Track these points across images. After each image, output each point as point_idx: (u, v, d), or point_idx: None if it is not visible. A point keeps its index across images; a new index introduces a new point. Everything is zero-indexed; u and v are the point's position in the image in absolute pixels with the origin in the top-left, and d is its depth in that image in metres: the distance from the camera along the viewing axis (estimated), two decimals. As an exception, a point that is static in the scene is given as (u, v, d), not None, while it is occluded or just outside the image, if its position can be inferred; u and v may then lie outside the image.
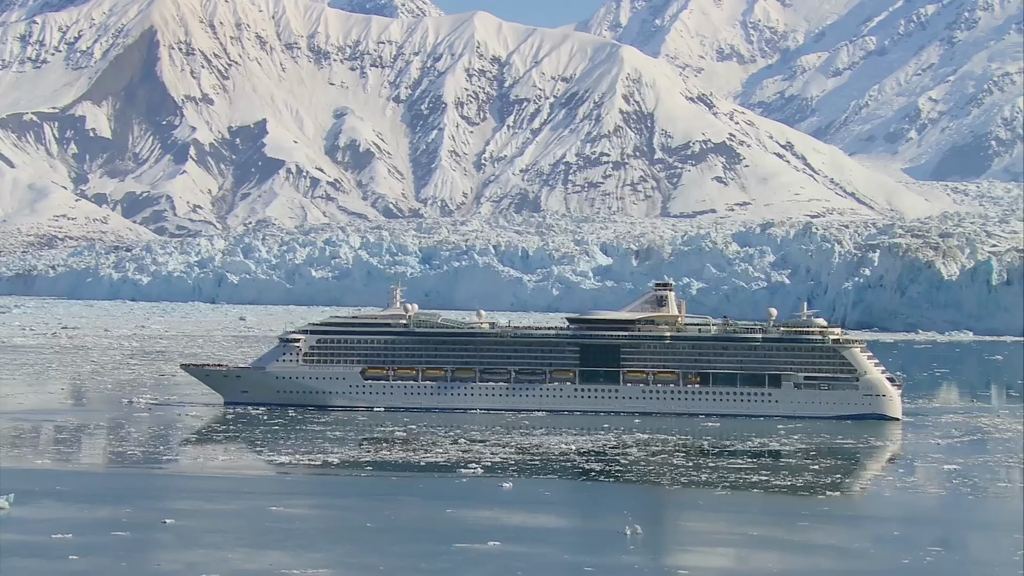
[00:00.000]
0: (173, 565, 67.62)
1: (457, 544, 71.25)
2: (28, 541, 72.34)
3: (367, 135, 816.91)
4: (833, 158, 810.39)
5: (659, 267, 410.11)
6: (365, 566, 67.35)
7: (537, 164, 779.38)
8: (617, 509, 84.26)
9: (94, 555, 69.10)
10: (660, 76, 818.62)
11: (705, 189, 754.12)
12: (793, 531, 75.58)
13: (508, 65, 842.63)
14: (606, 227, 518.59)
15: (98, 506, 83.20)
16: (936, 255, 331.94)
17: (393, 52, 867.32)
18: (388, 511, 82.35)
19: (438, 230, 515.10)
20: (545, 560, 68.64)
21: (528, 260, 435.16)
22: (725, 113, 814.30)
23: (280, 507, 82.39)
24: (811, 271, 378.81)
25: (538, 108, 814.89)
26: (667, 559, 69.01)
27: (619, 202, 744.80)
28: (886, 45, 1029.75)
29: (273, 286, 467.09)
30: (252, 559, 68.63)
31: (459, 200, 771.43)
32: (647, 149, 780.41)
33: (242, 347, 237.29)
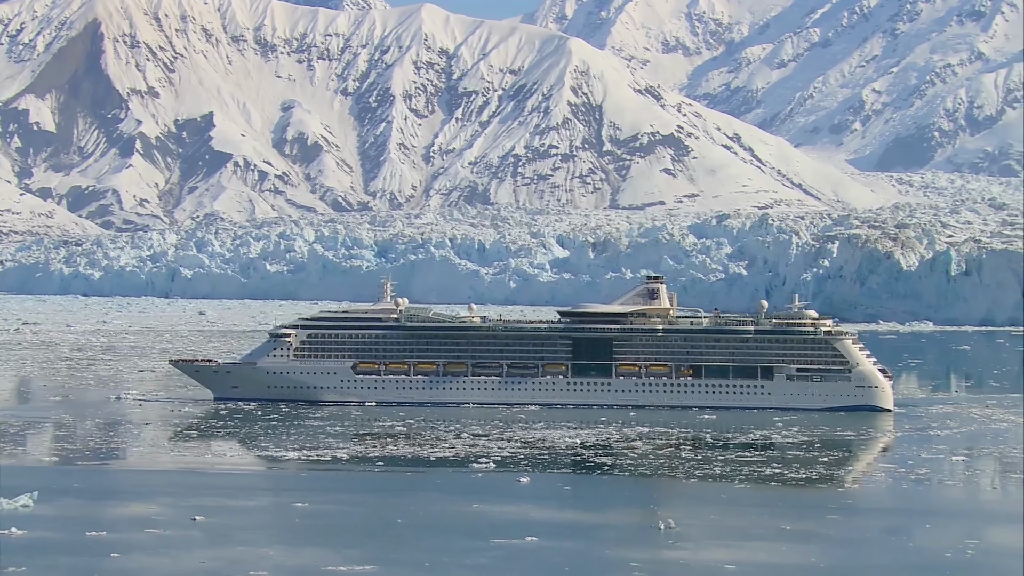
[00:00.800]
0: (217, 563, 67.37)
1: (495, 540, 71.24)
2: (64, 539, 71.98)
3: (315, 128, 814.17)
4: (780, 149, 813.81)
5: (616, 259, 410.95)
6: (409, 562, 67.23)
7: (486, 157, 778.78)
8: (642, 503, 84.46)
9: (135, 553, 68.83)
10: (608, 68, 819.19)
11: (654, 181, 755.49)
12: (825, 524, 75.89)
13: (456, 58, 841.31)
14: (560, 219, 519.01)
15: (121, 503, 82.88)
16: (895, 246, 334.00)
17: (340, 45, 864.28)
18: (414, 506, 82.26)
19: (392, 223, 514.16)
20: (587, 556, 68.65)
21: (484, 253, 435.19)
22: (673, 105, 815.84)
23: (305, 503, 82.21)
24: (768, 262, 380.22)
25: (486, 100, 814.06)
26: (709, 554, 69.11)
27: (568, 194, 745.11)
28: (830, 37, 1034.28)
29: (227, 280, 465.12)
30: (293, 556, 68.47)
31: (408, 193, 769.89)
32: (596, 141, 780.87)
33: (212, 342, 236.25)
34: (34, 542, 71.43)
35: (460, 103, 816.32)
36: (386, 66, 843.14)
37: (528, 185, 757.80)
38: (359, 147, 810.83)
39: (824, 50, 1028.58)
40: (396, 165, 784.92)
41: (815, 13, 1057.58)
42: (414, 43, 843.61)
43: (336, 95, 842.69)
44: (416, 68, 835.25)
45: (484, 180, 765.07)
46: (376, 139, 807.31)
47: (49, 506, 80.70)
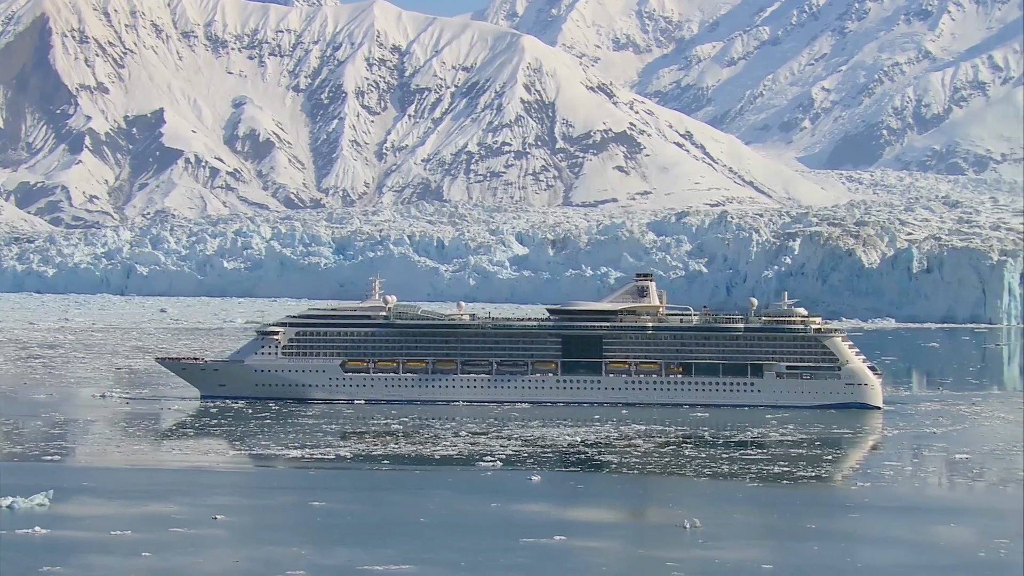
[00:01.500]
0: (251, 562, 67.02)
1: (523, 539, 71.10)
2: (91, 538, 71.51)
3: (267, 124, 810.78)
4: (731, 147, 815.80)
5: (576, 256, 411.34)
6: (444, 562, 67.02)
7: (439, 154, 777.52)
8: (659, 502, 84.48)
9: (165, 552, 68.41)
10: (560, 66, 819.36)
11: (607, 178, 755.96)
12: (849, 523, 75.96)
13: (408, 54, 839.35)
14: (518, 216, 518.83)
15: (137, 502, 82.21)
16: (856, 243, 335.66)
17: (292, 41, 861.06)
18: (432, 505, 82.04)
19: (350, 220, 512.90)
20: (622, 555, 68.59)
21: (443, 250, 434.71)
22: (625, 103, 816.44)
23: (321, 502, 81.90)
24: (728, 259, 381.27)
25: (439, 97, 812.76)
26: (742, 554, 69.06)
27: (521, 192, 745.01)
28: (779, 35, 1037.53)
29: (184, 277, 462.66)
30: (326, 555, 68.15)
31: (361, 190, 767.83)
32: (548, 139, 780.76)
33: (181, 339, 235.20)
34: (61, 541, 70.96)
35: (413, 100, 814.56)
36: (338, 63, 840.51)
37: (481, 182, 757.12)
38: (311, 144, 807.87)
39: (773, 48, 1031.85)
40: (349, 162, 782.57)
41: (764, 11, 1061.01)
42: (366, 40, 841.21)
43: (288, 91, 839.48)
44: (368, 65, 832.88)
45: (437, 177, 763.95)
46: (328, 136, 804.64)
47: (65, 505, 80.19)
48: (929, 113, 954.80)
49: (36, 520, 74.85)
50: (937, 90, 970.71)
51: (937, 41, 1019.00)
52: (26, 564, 65.65)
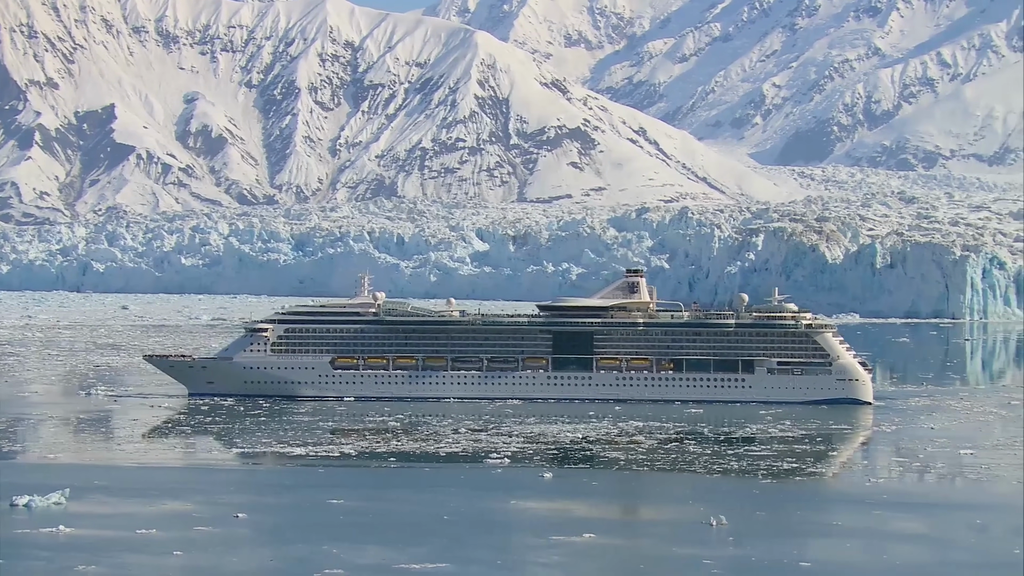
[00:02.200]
0: (286, 562, 66.59)
1: (552, 537, 70.81)
2: (118, 537, 70.90)
3: (219, 120, 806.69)
4: (684, 143, 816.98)
5: (537, 252, 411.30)
6: (479, 560, 66.67)
7: (393, 150, 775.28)
8: (679, 500, 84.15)
9: (196, 551, 67.94)
10: (514, 62, 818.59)
11: (561, 174, 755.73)
12: (874, 520, 75.88)
13: (362, 50, 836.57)
14: (477, 212, 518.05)
15: (153, 500, 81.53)
16: (820, 239, 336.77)
17: (244, 36, 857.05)
18: (451, 503, 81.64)
19: (308, 217, 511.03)
20: (655, 554, 68.27)
21: (403, 246, 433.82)
22: (579, 99, 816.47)
23: (338, 500, 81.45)
24: (689, 256, 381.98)
25: (393, 93, 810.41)
26: (775, 552, 68.71)
27: (476, 187, 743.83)
28: (730, 32, 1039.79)
29: (141, 274, 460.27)
30: (359, 554, 67.71)
31: (315, 186, 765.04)
32: (503, 135, 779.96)
33: (150, 336, 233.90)
34: (88, 540, 70.34)
35: (366, 96, 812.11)
36: (291, 58, 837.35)
37: (436, 178, 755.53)
38: (264, 140, 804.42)
39: (725, 45, 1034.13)
40: (302, 158, 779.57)
41: (715, 8, 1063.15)
42: (319, 35, 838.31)
43: (240, 87, 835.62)
44: (321, 61, 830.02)
45: (391, 173, 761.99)
46: (281, 132, 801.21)
47: (81, 504, 79.53)
48: (879, 109, 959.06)
49: (56, 518, 74.21)
50: (887, 87, 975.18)
51: (886, 38, 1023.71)
52: (60, 563, 65.11)
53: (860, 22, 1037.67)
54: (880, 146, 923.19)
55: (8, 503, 78.67)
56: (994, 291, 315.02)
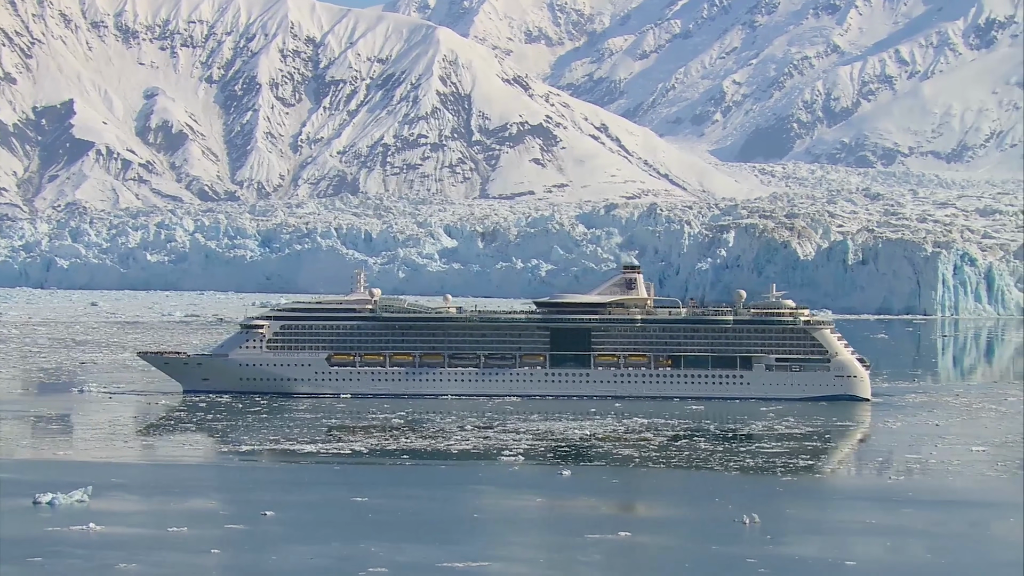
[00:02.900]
0: (327, 560, 66.06)
1: (588, 535, 70.44)
2: (151, 535, 70.31)
3: (179, 116, 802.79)
4: (646, 140, 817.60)
5: (506, 249, 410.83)
6: (520, 559, 66.29)
7: (355, 146, 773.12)
8: (704, 497, 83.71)
9: (233, 549, 67.41)
10: (476, 58, 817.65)
11: (523, 171, 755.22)
12: (907, 518, 75.73)
13: (323, 46, 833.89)
14: (444, 209, 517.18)
15: (176, 498, 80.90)
16: (791, 235, 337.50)
17: (204, 32, 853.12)
18: (477, 501, 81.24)
19: (274, 213, 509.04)
20: (696, 552, 67.69)
21: (371, 243, 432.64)
22: (541, 95, 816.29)
23: (362, 497, 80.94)
24: (659, 252, 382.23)
25: (355, 89, 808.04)
26: (816, 551, 68.54)
27: (438, 184, 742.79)
28: (690, 29, 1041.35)
29: (106, 271, 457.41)
30: (398, 552, 67.16)
31: (276, 182, 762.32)
32: (465, 131, 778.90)
33: (128, 333, 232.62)
34: (122, 538, 69.77)
35: (328, 92, 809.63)
36: (252, 54, 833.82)
37: (398, 175, 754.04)
38: (225, 135, 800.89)
39: (685, 41, 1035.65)
40: (263, 154, 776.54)
41: (675, 5, 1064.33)
42: (280, 31, 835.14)
43: (201, 83, 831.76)
44: (282, 56, 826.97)
45: (353, 170, 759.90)
46: (243, 128, 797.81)
47: (104, 501, 78.87)
48: (838, 106, 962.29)
49: (83, 516, 73.54)
50: (846, 84, 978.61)
51: (845, 35, 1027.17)
52: (98, 561, 64.55)
53: (819, 20, 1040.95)
54: (839, 143, 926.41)
55: (31, 500, 78.10)
56: (965, 287, 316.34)
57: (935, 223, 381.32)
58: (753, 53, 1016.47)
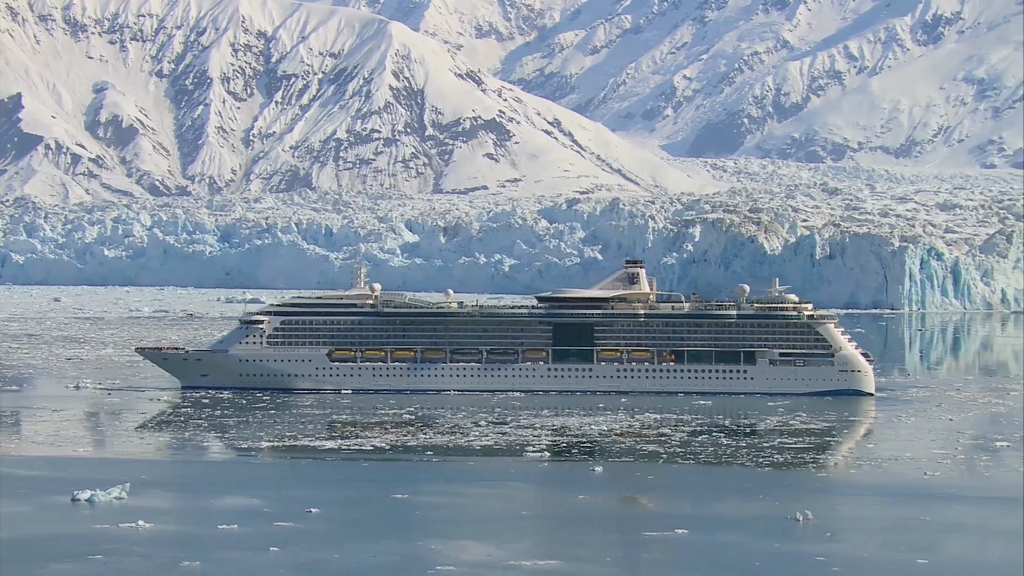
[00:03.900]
0: (390, 557, 65.09)
1: (645, 532, 69.66)
2: (205, 533, 69.29)
3: (129, 110, 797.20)
4: (599, 135, 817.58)
5: (468, 244, 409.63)
6: (587, 557, 65.33)
7: (307, 141, 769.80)
8: (748, 493, 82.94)
9: (291, 547, 66.37)
10: (429, 52, 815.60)
11: (476, 166, 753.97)
12: (956, 514, 75.22)
13: (275, 40, 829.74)
14: (403, 204, 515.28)
15: (214, 495, 79.71)
16: (758, 230, 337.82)
17: (154, 26, 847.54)
18: (520, 498, 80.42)
19: (232, 207, 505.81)
20: (762, 550, 66.61)
21: (332, 238, 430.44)
22: (494, 90, 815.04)
23: (403, 494, 79.96)
24: (623, 246, 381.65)
25: (307, 84, 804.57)
26: (881, 550, 67.88)
27: (391, 179, 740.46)
28: (641, 24, 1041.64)
29: (63, 266, 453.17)
30: (461, 550, 66.31)
31: (228, 177, 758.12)
32: (418, 126, 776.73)
33: (102, 328, 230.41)
34: (175, 536, 68.84)
35: (280, 86, 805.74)
36: (202, 48, 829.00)
37: (351, 169, 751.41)
38: (176, 130, 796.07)
39: (635, 37, 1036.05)
40: (215, 149, 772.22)
41: (626, 0, 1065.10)
42: (231, 25, 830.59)
43: (151, 77, 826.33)
44: (234, 50, 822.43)
45: (305, 164, 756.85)
46: (194, 122, 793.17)
47: (143, 498, 77.75)
48: (788, 102, 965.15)
49: (126, 514, 72.47)
50: (795, 79, 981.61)
51: (795, 31, 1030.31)
52: (160, 559, 63.62)
53: (769, 15, 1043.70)
54: (790, 138, 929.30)
55: (69, 498, 76.98)
56: (932, 282, 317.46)
57: (897, 217, 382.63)
58: (703, 48, 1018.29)
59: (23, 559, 63.56)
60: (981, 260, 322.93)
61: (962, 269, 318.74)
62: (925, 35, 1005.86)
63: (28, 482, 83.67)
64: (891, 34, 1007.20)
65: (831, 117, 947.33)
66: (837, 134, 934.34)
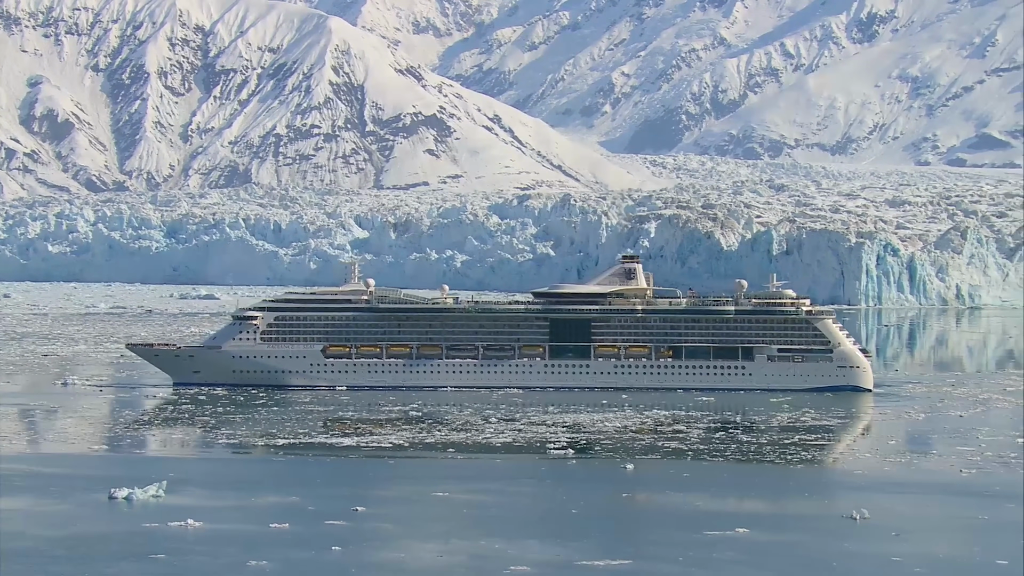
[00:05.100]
0: (456, 557, 63.94)
1: (706, 532, 68.52)
2: (259, 531, 67.90)
3: (65, 105, 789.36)
4: (539, 131, 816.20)
5: (419, 240, 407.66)
6: (659, 557, 64.07)
7: (246, 136, 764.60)
8: (794, 491, 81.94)
9: (352, 546, 65.08)
10: (369, 48, 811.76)
11: (417, 162, 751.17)
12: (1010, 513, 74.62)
13: (212, 35, 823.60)
14: (351, 199, 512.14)
15: (254, 493, 78.26)
16: (715, 226, 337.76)
17: (90, 19, 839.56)
18: (564, 496, 78.94)
19: (177, 203, 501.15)
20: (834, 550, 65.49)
21: (281, 234, 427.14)
22: (434, 86, 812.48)
23: (443, 492, 78.71)
24: (575, 243, 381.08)
25: (245, 79, 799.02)
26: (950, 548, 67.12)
27: (332, 175, 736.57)
28: (579, 20, 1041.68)
29: (5, 261, 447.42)
30: (526, 549, 64.96)
31: (166, 172, 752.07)
32: (358, 121, 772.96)
33: (65, 324, 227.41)
34: (230, 535, 67.50)
35: (218, 81, 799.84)
36: (139, 42, 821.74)
37: (290, 165, 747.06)
38: (113, 125, 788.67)
39: (574, 33, 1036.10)
40: (153, 144, 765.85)
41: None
42: (168, 19, 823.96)
43: (87, 71, 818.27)
44: (171, 45, 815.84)
45: (245, 160, 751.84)
46: (131, 117, 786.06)
47: (181, 496, 76.22)
48: (726, 99, 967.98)
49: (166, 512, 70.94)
50: (733, 76, 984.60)
51: (731, 28, 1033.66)
52: (225, 558, 62.41)
53: (706, 12, 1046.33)
54: (727, 135, 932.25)
55: (106, 496, 75.33)
56: (888, 277, 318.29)
57: (849, 214, 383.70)
58: (641, 45, 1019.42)
59: (85, 559, 62.06)
60: (936, 256, 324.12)
61: (918, 265, 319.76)
62: (860, 33, 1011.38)
63: (56, 480, 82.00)
64: (827, 32, 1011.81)
65: (768, 114, 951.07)
66: (774, 131, 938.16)
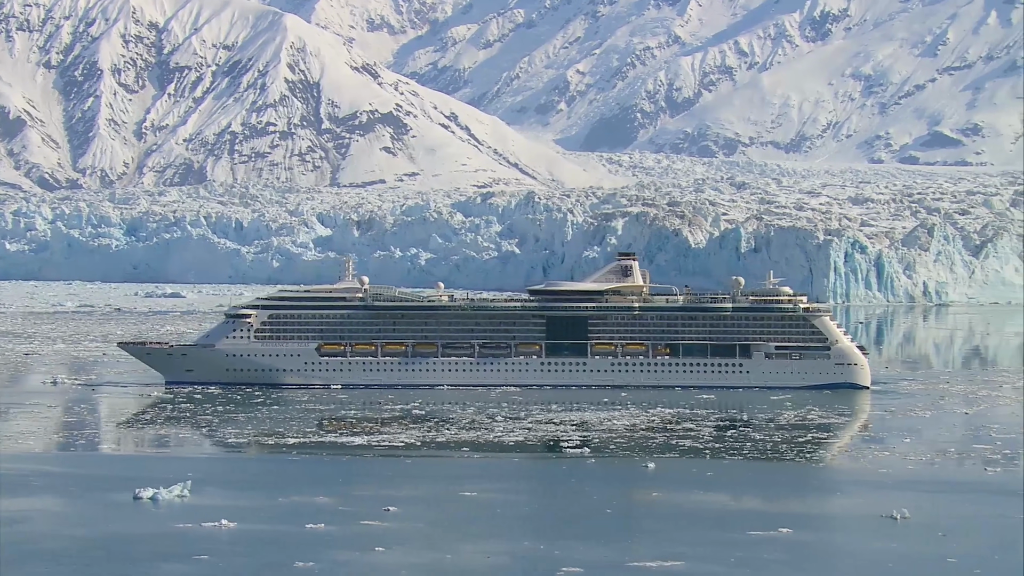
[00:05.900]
0: (503, 558, 62.96)
1: (749, 532, 67.61)
2: (296, 532, 66.92)
3: (17, 102, 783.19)
4: (495, 129, 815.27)
5: (383, 237, 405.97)
6: (708, 557, 63.04)
7: (201, 134, 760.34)
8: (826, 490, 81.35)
9: (396, 546, 63.99)
10: (324, 45, 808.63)
11: (374, 159, 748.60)
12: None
13: (166, 31, 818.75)
14: (312, 197, 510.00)
15: (280, 493, 77.04)
16: (682, 223, 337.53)
17: (42, 16, 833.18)
18: (595, 496, 77.93)
19: (136, 201, 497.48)
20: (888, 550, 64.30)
21: (243, 232, 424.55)
22: (390, 83, 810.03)
23: (470, 492, 77.65)
24: (540, 240, 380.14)
25: (200, 76, 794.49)
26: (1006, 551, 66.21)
27: (288, 172, 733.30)
28: (534, 18, 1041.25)
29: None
30: (571, 549, 63.93)
31: (120, 170, 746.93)
32: (314, 119, 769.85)
33: (38, 323, 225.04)
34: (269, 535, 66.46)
35: (172, 78, 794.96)
36: (92, 39, 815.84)
37: (246, 163, 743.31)
38: (66, 122, 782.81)
39: (529, 31, 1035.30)
40: (106, 141, 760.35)
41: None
42: (121, 16, 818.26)
43: (39, 68, 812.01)
44: (125, 41, 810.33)
45: (200, 157, 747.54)
46: (84, 114, 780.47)
47: (205, 496, 74.95)
48: (680, 97, 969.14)
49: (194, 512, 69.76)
50: (687, 74, 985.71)
51: (686, 26, 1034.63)
52: (268, 559, 61.28)
53: (660, 10, 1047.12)
54: (682, 133, 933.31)
55: (131, 496, 74.03)
56: (856, 275, 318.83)
57: (813, 211, 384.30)
58: (596, 43, 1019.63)
59: (125, 559, 60.88)
60: (904, 253, 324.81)
61: (885, 262, 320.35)
62: (813, 31, 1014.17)
63: (73, 480, 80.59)
64: (780, 30, 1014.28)
65: (723, 112, 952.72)
66: (729, 129, 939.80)
